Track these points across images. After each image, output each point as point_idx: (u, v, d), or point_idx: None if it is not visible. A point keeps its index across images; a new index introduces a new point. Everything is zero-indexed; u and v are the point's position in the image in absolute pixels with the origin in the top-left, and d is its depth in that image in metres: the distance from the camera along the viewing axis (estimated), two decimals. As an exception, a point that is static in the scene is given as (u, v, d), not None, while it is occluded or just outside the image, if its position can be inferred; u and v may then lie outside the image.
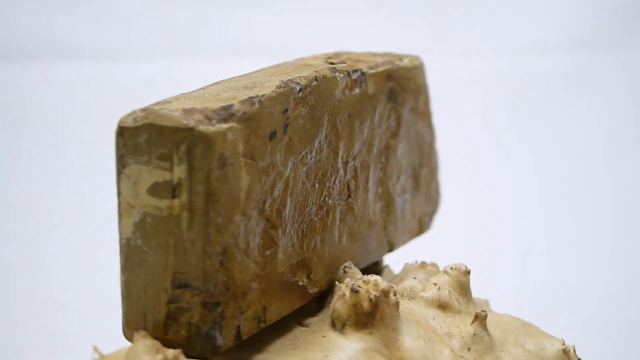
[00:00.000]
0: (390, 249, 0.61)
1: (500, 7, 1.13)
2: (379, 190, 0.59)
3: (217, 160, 0.48)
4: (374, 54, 0.63)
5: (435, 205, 0.66)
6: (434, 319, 0.51)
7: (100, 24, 1.10)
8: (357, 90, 0.56)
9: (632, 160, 1.08)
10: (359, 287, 0.49)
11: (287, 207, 0.52)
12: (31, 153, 1.07)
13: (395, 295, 0.49)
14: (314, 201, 0.54)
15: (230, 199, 0.49)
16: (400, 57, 0.61)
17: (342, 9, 1.14)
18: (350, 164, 0.56)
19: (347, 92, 0.55)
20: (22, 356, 0.87)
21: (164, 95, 1.24)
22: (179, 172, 0.48)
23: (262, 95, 0.50)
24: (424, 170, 0.63)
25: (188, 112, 0.48)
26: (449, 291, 0.52)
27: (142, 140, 0.49)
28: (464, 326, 0.50)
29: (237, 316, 0.49)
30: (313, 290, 0.55)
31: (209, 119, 0.48)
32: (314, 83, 0.53)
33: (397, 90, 0.59)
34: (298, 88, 0.52)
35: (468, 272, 0.52)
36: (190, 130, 0.47)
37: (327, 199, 0.55)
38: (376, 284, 0.49)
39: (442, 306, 0.51)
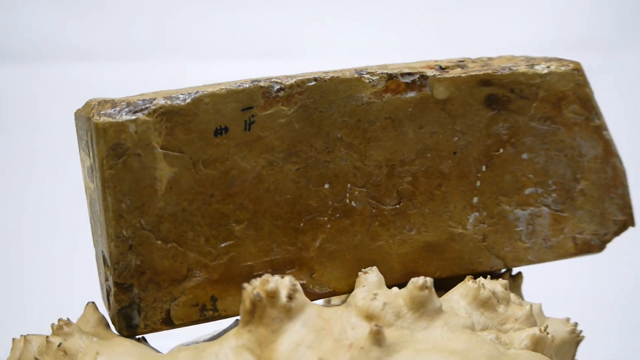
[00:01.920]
0: (507, 263, 0.58)
1: (501, 8, 1.13)
2: (475, 200, 0.57)
3: (112, 150, 0.50)
4: (523, 59, 0.59)
5: (615, 226, 0.60)
6: (354, 328, 0.49)
7: (100, 24, 1.10)
8: (410, 94, 0.55)
9: (632, 159, 1.08)
10: (249, 284, 0.49)
11: (262, 203, 0.53)
12: (30, 153, 1.07)
13: (290, 298, 0.48)
14: (322, 201, 0.54)
15: (138, 187, 0.51)
16: (536, 62, 0.58)
17: (344, 10, 1.14)
18: (400, 169, 0.55)
19: (385, 95, 0.54)
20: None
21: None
22: (91, 158, 0.52)
23: (202, 92, 0.52)
24: (582, 185, 0.59)
25: (102, 103, 0.51)
26: (384, 303, 0.49)
27: (79, 128, 0.54)
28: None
29: (165, 301, 0.52)
30: (322, 290, 0.55)
31: (114, 110, 0.51)
32: (311, 83, 0.53)
33: (506, 96, 0.56)
34: (277, 87, 0.53)
35: (425, 287, 0.49)
36: (89, 120, 0.51)
37: (348, 201, 0.55)
38: (265, 283, 0.48)
39: (369, 317, 0.49)
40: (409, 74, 0.55)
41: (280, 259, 0.54)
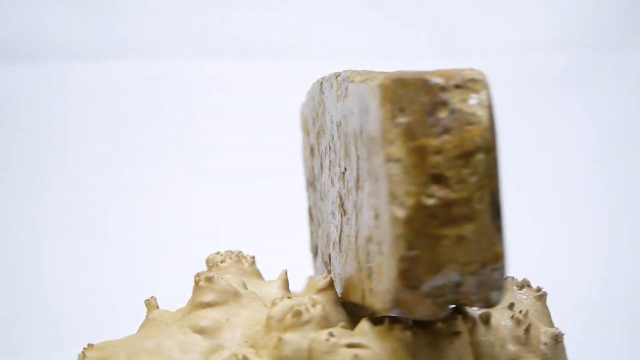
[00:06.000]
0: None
1: (501, 7, 1.13)
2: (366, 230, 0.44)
3: None
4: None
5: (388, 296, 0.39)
6: None
7: (100, 24, 1.10)
8: (343, 101, 0.47)
9: (632, 159, 1.08)
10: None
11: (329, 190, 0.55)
12: (30, 153, 1.07)
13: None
14: (335, 199, 0.50)
15: None
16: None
17: (343, 9, 1.13)
18: (345, 179, 0.47)
19: (340, 99, 0.47)
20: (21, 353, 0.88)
21: (164, 95, 1.24)
22: None
23: (319, 78, 0.54)
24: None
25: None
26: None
27: None
28: None
29: None
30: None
31: None
32: (326, 82, 0.53)
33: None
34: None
35: (195, 279, 0.48)
36: None
37: (344, 201, 0.48)
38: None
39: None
40: (344, 79, 0.46)
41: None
